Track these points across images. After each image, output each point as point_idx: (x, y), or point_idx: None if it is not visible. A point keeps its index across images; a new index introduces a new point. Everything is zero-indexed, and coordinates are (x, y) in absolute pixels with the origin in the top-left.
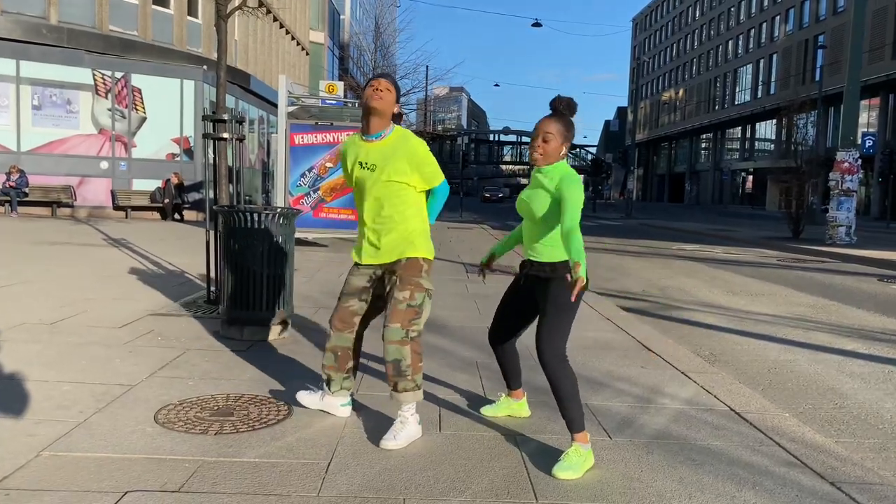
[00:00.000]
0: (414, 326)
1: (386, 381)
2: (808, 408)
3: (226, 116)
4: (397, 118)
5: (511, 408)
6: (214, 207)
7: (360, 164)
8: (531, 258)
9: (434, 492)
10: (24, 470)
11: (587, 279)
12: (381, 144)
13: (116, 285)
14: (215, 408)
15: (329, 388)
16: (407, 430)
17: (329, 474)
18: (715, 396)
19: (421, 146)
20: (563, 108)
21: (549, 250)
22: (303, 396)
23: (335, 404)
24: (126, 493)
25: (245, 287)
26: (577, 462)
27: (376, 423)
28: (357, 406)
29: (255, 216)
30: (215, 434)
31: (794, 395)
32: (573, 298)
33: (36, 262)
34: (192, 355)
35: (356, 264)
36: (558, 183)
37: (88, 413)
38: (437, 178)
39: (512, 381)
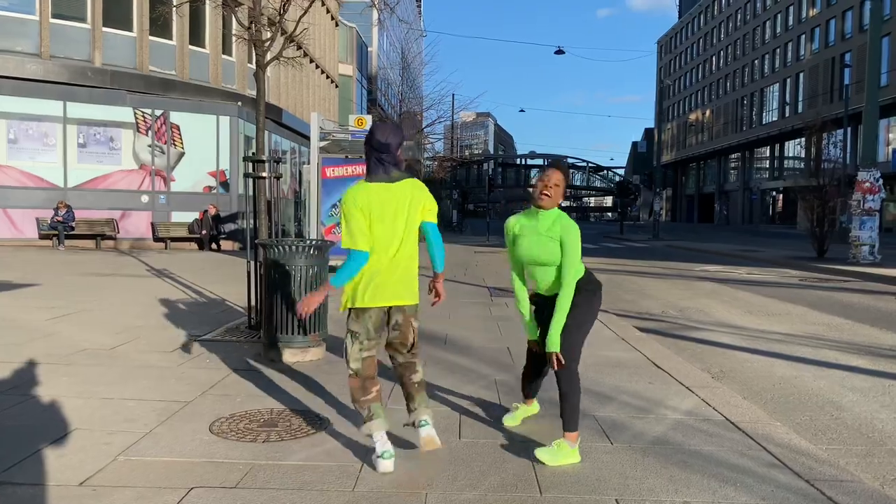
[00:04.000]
0: None
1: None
2: (805, 419)
3: (265, 157)
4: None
5: (527, 411)
6: (257, 241)
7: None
8: (546, 293)
9: (452, 487)
10: (104, 471)
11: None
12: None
13: (164, 313)
14: (262, 420)
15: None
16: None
17: (362, 474)
18: (713, 408)
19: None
20: (561, 167)
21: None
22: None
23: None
24: (192, 488)
25: (284, 313)
26: (558, 452)
27: (404, 434)
28: (388, 418)
29: (294, 248)
30: (263, 442)
31: (794, 408)
32: (554, 367)
33: (89, 293)
34: (239, 375)
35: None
36: (559, 230)
37: (152, 425)
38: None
39: (535, 393)
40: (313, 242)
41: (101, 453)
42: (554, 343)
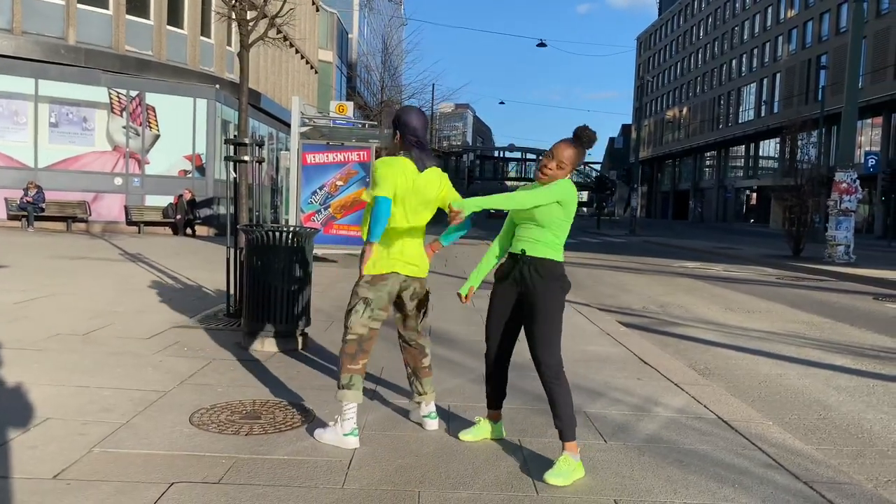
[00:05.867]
0: None
1: (401, 394)
2: (793, 418)
3: (248, 140)
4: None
5: (489, 430)
6: (238, 226)
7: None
8: (525, 252)
9: (445, 485)
10: (79, 464)
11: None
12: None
13: (138, 299)
14: (244, 412)
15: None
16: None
17: (351, 470)
18: (705, 406)
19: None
20: (585, 141)
21: (543, 248)
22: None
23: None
24: (172, 483)
25: (266, 301)
26: (566, 470)
27: (393, 428)
28: (376, 412)
29: (277, 235)
30: (246, 434)
31: (782, 407)
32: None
33: (58, 276)
34: (218, 365)
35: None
36: (556, 189)
37: (130, 415)
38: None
39: (499, 400)
40: (297, 228)
41: (76, 445)
42: (472, 204)
